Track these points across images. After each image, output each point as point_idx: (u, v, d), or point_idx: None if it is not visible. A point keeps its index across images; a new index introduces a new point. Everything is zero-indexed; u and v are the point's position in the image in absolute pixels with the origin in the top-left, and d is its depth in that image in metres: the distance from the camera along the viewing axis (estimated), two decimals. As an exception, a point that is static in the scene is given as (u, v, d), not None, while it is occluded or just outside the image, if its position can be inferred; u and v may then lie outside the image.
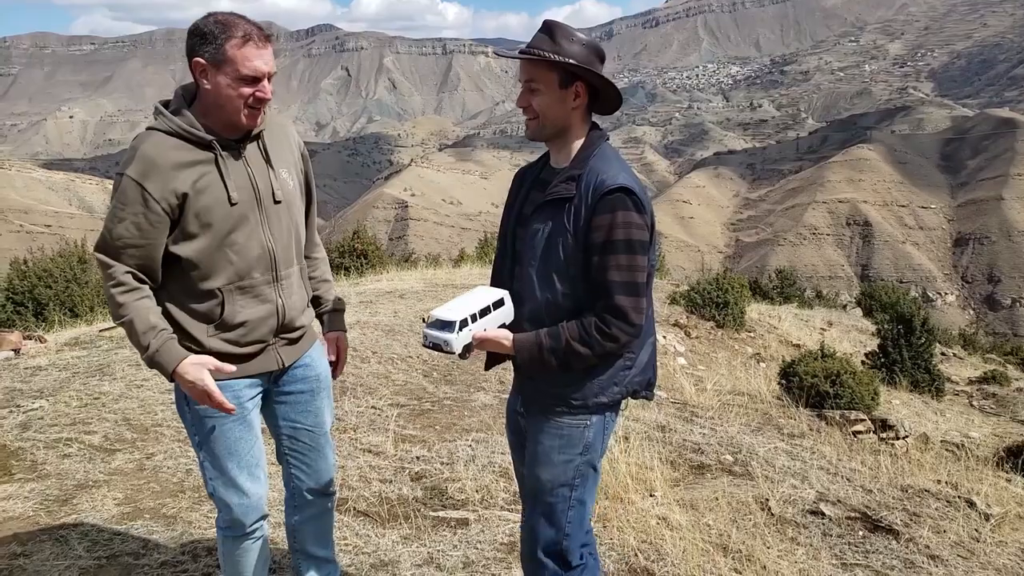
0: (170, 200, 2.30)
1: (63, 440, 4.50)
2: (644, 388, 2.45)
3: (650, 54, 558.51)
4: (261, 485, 2.60)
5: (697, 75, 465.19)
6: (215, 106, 2.35)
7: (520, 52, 2.32)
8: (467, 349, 2.30)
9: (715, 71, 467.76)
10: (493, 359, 2.61)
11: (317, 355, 2.74)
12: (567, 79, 2.30)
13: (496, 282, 2.54)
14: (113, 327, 8.73)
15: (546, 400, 2.41)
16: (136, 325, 2.30)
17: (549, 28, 2.31)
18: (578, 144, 2.38)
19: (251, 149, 2.46)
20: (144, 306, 2.33)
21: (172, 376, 2.32)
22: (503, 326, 2.38)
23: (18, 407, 5.05)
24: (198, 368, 2.31)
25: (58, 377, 5.89)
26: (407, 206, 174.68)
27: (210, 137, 2.35)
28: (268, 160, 2.49)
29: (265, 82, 2.34)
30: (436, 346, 2.28)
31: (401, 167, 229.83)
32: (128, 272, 2.33)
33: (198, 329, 2.43)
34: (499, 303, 2.37)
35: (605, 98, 2.39)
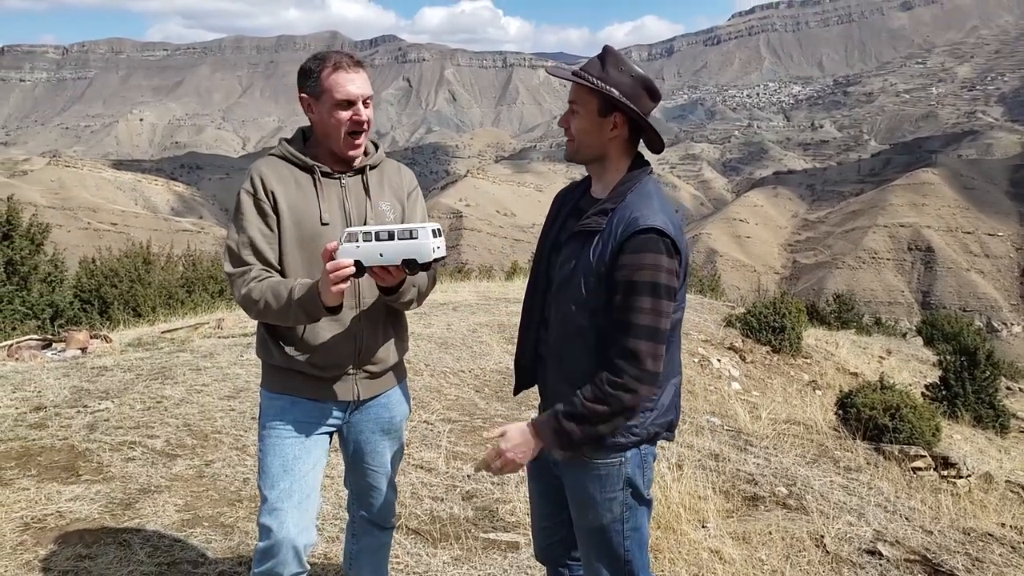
0: (271, 200, 2.48)
1: (127, 443, 4.62)
2: (666, 430, 2.39)
3: (711, 72, 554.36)
4: (306, 518, 2.52)
5: (758, 94, 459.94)
6: (323, 136, 2.52)
7: (572, 73, 2.31)
8: (360, 267, 2.28)
9: (776, 90, 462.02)
10: (520, 384, 2.63)
11: (397, 399, 2.75)
12: (606, 108, 2.27)
13: (528, 306, 2.51)
14: (175, 328, 8.95)
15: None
16: (275, 302, 2.37)
17: (603, 54, 2.30)
18: (616, 175, 2.34)
19: (353, 181, 2.59)
20: (271, 282, 2.41)
21: (325, 307, 2.34)
22: (412, 261, 2.29)
23: (85, 407, 5.21)
24: (324, 281, 2.29)
25: (123, 378, 6.06)
26: (462, 216, 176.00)
27: (312, 163, 2.53)
28: (367, 192, 2.59)
29: (360, 105, 2.47)
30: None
31: (457, 177, 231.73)
32: (259, 269, 2.45)
33: (281, 350, 2.53)
34: (408, 234, 2.27)
35: (649, 136, 2.35)
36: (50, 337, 7.97)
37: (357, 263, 2.28)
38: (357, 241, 2.25)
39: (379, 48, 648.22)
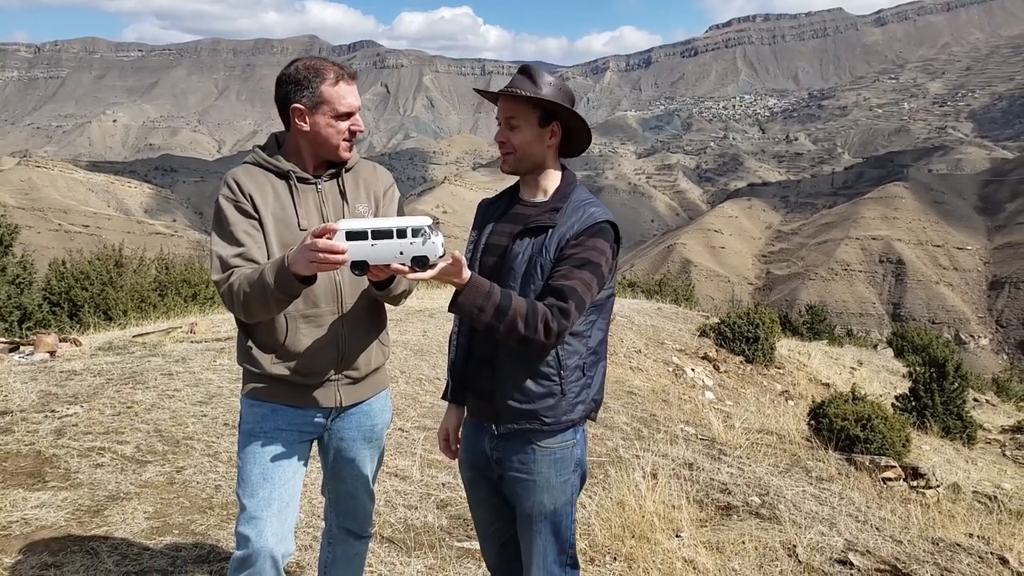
0: (251, 203, 2.46)
1: (96, 449, 4.55)
2: (595, 409, 2.55)
3: (687, 83, 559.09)
4: (284, 527, 2.49)
5: (734, 106, 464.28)
6: (315, 144, 2.52)
7: (503, 91, 2.43)
8: (356, 267, 2.17)
9: (752, 102, 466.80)
10: (456, 390, 2.66)
11: (379, 406, 2.73)
12: (546, 118, 2.43)
13: None
14: (147, 332, 8.85)
15: (520, 419, 2.42)
16: (250, 288, 2.31)
17: (529, 71, 2.44)
18: (554, 180, 2.51)
19: (329, 185, 2.58)
20: (245, 272, 2.35)
21: (298, 277, 2.22)
22: (423, 259, 2.15)
23: (53, 412, 5.12)
24: (299, 253, 2.19)
25: (92, 383, 5.97)
26: (439, 223, 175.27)
27: (288, 168, 2.52)
28: (344, 195, 2.59)
29: (357, 115, 2.52)
30: None
31: (435, 184, 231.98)
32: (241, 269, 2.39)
33: (263, 357, 2.50)
34: (407, 232, 2.13)
35: (576, 140, 2.52)
36: (18, 340, 7.84)
37: (362, 262, 2.16)
38: (367, 239, 2.13)
39: (357, 53, 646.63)
